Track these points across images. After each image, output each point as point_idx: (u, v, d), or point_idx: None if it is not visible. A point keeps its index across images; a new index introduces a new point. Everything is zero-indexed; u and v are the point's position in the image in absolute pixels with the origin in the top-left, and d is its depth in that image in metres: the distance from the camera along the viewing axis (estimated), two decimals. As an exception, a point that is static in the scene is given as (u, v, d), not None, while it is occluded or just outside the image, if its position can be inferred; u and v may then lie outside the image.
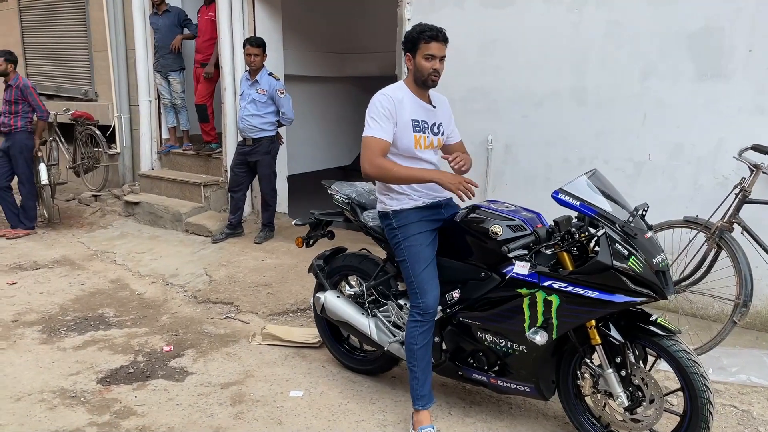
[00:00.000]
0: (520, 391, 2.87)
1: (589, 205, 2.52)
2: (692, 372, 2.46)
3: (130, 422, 3.04)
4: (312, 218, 3.53)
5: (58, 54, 8.90)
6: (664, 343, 2.51)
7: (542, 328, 2.65)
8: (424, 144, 2.90)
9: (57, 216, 7.00)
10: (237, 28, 6.28)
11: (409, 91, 2.89)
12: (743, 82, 3.66)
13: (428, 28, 2.80)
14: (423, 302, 2.80)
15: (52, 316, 4.37)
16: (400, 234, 2.90)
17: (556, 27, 4.29)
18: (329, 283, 3.50)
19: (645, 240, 2.49)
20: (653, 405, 2.60)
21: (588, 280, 2.49)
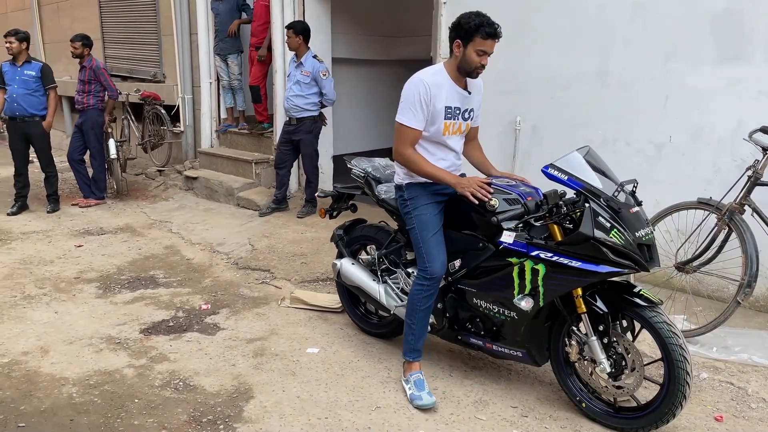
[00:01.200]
0: (512, 356, 3.04)
1: (576, 180, 2.66)
2: (671, 342, 2.57)
3: (162, 366, 3.43)
4: (334, 191, 3.81)
5: (132, 38, 9.51)
6: (645, 314, 2.63)
7: (529, 296, 2.82)
8: (452, 130, 3.02)
9: (125, 188, 7.59)
10: (288, 13, 6.60)
11: (448, 77, 2.94)
12: (763, 64, 3.64)
13: (488, 23, 2.77)
14: (429, 266, 2.98)
15: (109, 275, 4.86)
16: (411, 204, 3.09)
17: (583, 9, 4.35)
18: (347, 252, 3.78)
19: (629, 214, 2.61)
20: (634, 373, 2.73)
21: (573, 251, 2.63)
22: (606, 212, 2.55)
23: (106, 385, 3.22)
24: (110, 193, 7.52)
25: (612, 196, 2.60)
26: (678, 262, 3.72)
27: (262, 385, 3.23)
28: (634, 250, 2.53)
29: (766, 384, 3.20)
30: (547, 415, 2.98)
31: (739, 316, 3.84)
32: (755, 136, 3.46)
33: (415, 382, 3.08)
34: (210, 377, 3.31)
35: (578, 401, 2.93)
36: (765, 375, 3.27)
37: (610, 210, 2.56)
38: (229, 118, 7.85)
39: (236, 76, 7.48)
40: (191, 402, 3.07)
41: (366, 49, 7.30)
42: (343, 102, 7.68)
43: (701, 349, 3.47)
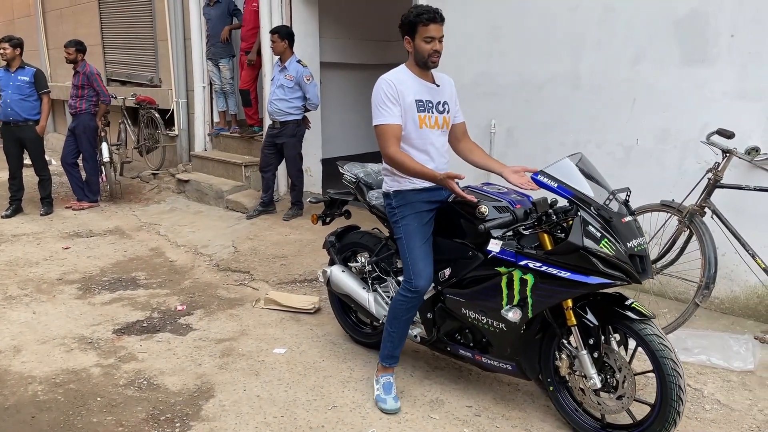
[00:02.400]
0: (502, 368, 2.93)
1: (566, 187, 2.54)
2: (662, 356, 2.46)
3: (129, 366, 3.50)
4: (327, 197, 3.79)
5: (130, 43, 9.66)
6: (636, 327, 2.51)
7: (518, 307, 2.70)
8: (429, 123, 2.96)
9: (119, 191, 7.72)
10: (275, 18, 6.68)
11: (411, 73, 2.95)
12: (727, 67, 3.65)
13: (425, 10, 2.83)
14: (414, 281, 2.90)
15: (91, 277, 4.95)
16: (399, 213, 3.01)
17: (556, 13, 4.39)
18: (339, 259, 3.71)
19: (621, 223, 2.48)
20: (625, 388, 2.61)
21: (562, 261, 2.51)
22: (597, 221, 2.45)
23: (72, 384, 3.29)
24: (104, 196, 7.64)
25: (603, 204, 2.50)
26: (641, 264, 3.73)
27: (224, 385, 3.29)
28: (625, 260, 2.42)
29: (723, 386, 3.21)
30: (499, 415, 3.01)
31: (703, 318, 3.87)
32: (713, 138, 3.47)
33: (384, 384, 3.09)
34: (174, 376, 3.38)
35: (566, 414, 2.84)
36: (722, 377, 3.28)
37: (601, 219, 2.46)
38: (222, 121, 7.96)
39: (228, 80, 7.58)
40: (152, 400, 3.14)
41: (355, 54, 7.37)
42: (333, 106, 7.75)
43: (662, 351, 3.48)
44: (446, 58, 5.07)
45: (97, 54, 10.53)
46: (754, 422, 2.94)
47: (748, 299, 3.75)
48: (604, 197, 2.53)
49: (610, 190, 2.57)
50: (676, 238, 3.58)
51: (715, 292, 3.83)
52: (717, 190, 3.48)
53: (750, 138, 3.59)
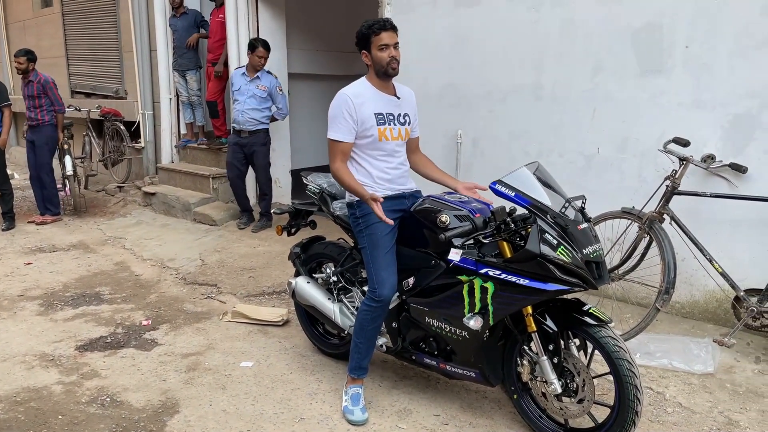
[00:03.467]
0: (466, 376, 2.94)
1: (523, 196, 2.58)
2: (618, 358, 2.50)
3: (91, 382, 3.43)
4: (291, 207, 3.79)
5: (94, 54, 9.54)
6: (593, 332, 2.55)
7: (479, 314, 2.72)
8: (390, 135, 2.99)
9: (83, 205, 7.58)
10: (242, 29, 6.67)
11: (372, 86, 2.97)
12: (682, 77, 3.76)
13: (374, 21, 2.89)
14: (378, 290, 2.92)
15: (54, 292, 4.85)
16: (362, 223, 3.01)
17: (518, 25, 4.46)
18: (304, 270, 3.70)
19: (577, 231, 2.52)
20: (585, 392, 2.65)
21: (521, 269, 2.55)
22: (553, 229, 2.50)
23: (33, 402, 3.22)
24: (68, 210, 7.50)
25: (559, 212, 2.54)
26: (604, 271, 3.80)
27: (189, 400, 3.25)
28: (581, 267, 2.46)
29: (684, 389, 3.28)
30: (467, 423, 3.03)
31: (665, 322, 3.95)
32: (669, 146, 3.57)
33: (352, 395, 3.08)
34: (138, 393, 3.32)
35: (530, 421, 2.87)
36: (683, 380, 3.35)
37: (557, 227, 2.51)
38: (189, 133, 7.88)
39: (195, 92, 7.52)
40: (115, 418, 3.08)
41: (322, 64, 7.39)
42: (301, 116, 7.75)
43: (626, 356, 3.55)
44: (413, 69, 5.17)
45: (61, 66, 10.38)
46: (715, 424, 3.00)
47: (707, 303, 3.84)
48: (560, 205, 2.58)
49: (566, 198, 2.62)
50: (636, 245, 3.66)
51: (676, 296, 3.92)
52: (675, 197, 3.57)
53: (706, 146, 3.69)
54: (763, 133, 3.53)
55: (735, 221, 3.65)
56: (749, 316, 3.34)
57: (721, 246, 3.63)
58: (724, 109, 3.63)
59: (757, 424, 3.00)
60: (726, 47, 3.59)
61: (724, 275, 3.41)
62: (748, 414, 3.07)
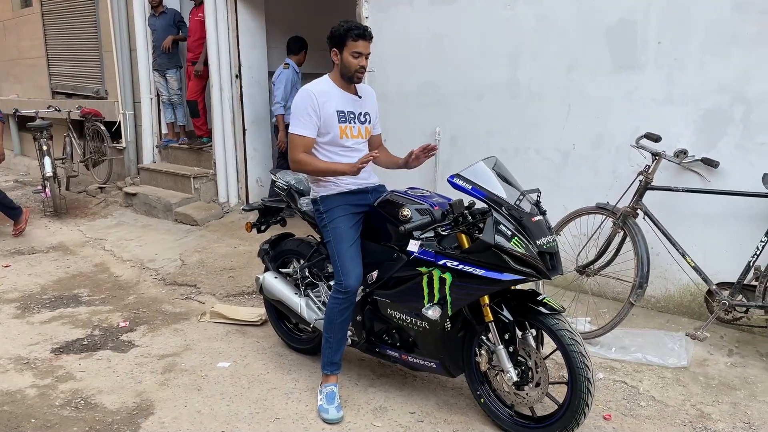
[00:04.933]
0: (427, 367, 3.02)
1: (480, 189, 2.65)
2: (572, 350, 2.56)
3: (66, 385, 3.41)
4: (261, 204, 3.82)
5: (75, 55, 9.46)
6: (548, 322, 2.63)
7: (438, 305, 2.79)
8: (351, 134, 3.08)
9: (64, 207, 7.51)
10: (221, 28, 6.64)
11: (334, 85, 3.04)
12: (655, 72, 3.78)
13: (355, 26, 2.92)
14: (344, 281, 2.96)
15: (31, 295, 4.81)
16: (327, 217, 3.10)
17: (493, 22, 4.47)
18: (273, 266, 3.74)
19: (531, 222, 2.60)
20: (539, 379, 2.72)
21: (477, 259, 2.62)
22: (508, 221, 2.56)
23: (6, 406, 3.19)
24: (49, 212, 7.44)
25: (514, 205, 2.61)
26: (578, 266, 3.82)
27: (164, 401, 3.23)
28: (534, 257, 2.54)
29: (658, 382, 3.30)
30: (442, 419, 3.03)
31: (641, 316, 3.98)
32: (642, 142, 3.59)
33: (327, 394, 3.09)
34: (113, 395, 3.30)
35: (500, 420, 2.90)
36: (658, 374, 3.38)
37: (512, 219, 2.57)
38: (170, 133, 7.84)
39: (175, 92, 7.48)
40: (88, 420, 3.06)
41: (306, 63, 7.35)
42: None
43: (600, 350, 3.57)
44: (391, 67, 5.16)
45: (41, 66, 10.29)
46: (687, 417, 3.03)
47: (682, 297, 3.87)
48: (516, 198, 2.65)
49: (521, 191, 2.69)
50: (611, 240, 3.68)
51: (651, 291, 3.95)
52: (648, 192, 3.59)
53: (678, 141, 3.72)
54: (734, 128, 3.55)
55: (707, 216, 3.68)
56: (721, 310, 3.36)
57: (694, 240, 3.66)
58: (695, 104, 3.66)
59: (728, 416, 3.03)
60: (697, 43, 3.62)
61: (697, 269, 3.44)
62: (719, 407, 3.10)
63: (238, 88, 6.69)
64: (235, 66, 6.66)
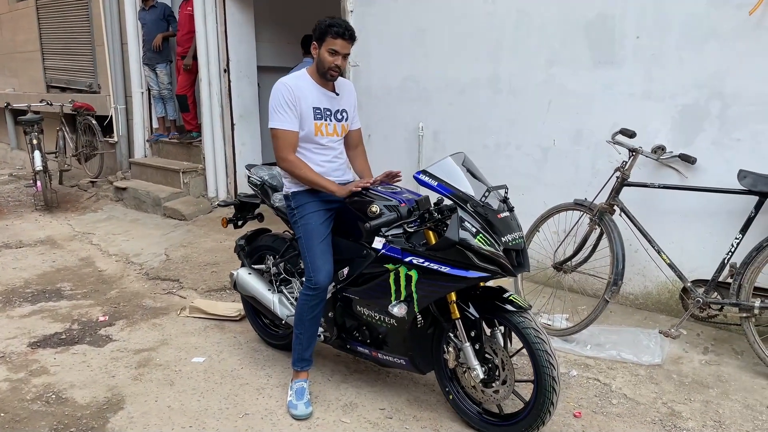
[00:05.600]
0: (396, 363, 3.01)
1: (445, 185, 2.64)
2: (537, 348, 2.54)
3: (39, 380, 3.41)
4: (236, 200, 3.81)
5: (68, 49, 9.45)
6: (514, 319, 2.60)
7: (404, 302, 2.77)
8: (326, 131, 3.03)
9: (55, 200, 7.53)
10: (210, 22, 6.62)
11: (311, 80, 3.00)
12: (633, 68, 3.74)
13: (337, 24, 2.85)
14: (314, 278, 2.94)
15: (14, 289, 4.82)
16: (297, 213, 3.08)
17: (475, 16, 4.44)
18: (248, 262, 3.74)
19: (497, 219, 2.57)
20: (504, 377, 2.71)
21: (442, 256, 2.60)
22: (473, 218, 2.55)
23: (-24, 400, 3.20)
24: (39, 206, 7.45)
25: (480, 201, 2.58)
26: (556, 263, 3.80)
27: (135, 396, 3.23)
28: (499, 254, 2.51)
29: (631, 380, 3.29)
30: (411, 416, 3.02)
31: (618, 313, 3.96)
32: (618, 137, 3.56)
33: (296, 390, 3.08)
34: (84, 389, 3.30)
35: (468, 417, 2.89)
36: (631, 371, 3.36)
37: (477, 215, 2.56)
38: (161, 127, 7.84)
39: (166, 86, 7.47)
40: (57, 415, 3.06)
41: (292, 57, 7.31)
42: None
43: (576, 347, 3.56)
44: (375, 61, 5.14)
45: (36, 60, 10.29)
46: (657, 415, 3.01)
47: (660, 294, 3.85)
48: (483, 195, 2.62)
49: (488, 187, 2.65)
50: (587, 236, 3.65)
51: (629, 287, 3.94)
52: (625, 189, 3.56)
53: (656, 137, 3.69)
54: (710, 124, 3.52)
55: (684, 212, 3.66)
56: (696, 307, 3.34)
57: (671, 237, 3.63)
58: (673, 100, 3.63)
59: (699, 414, 3.01)
60: (674, 38, 3.58)
61: (672, 266, 3.41)
62: (691, 405, 3.08)
63: (227, 82, 6.68)
64: (224, 60, 6.65)
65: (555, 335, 3.67)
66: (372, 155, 5.30)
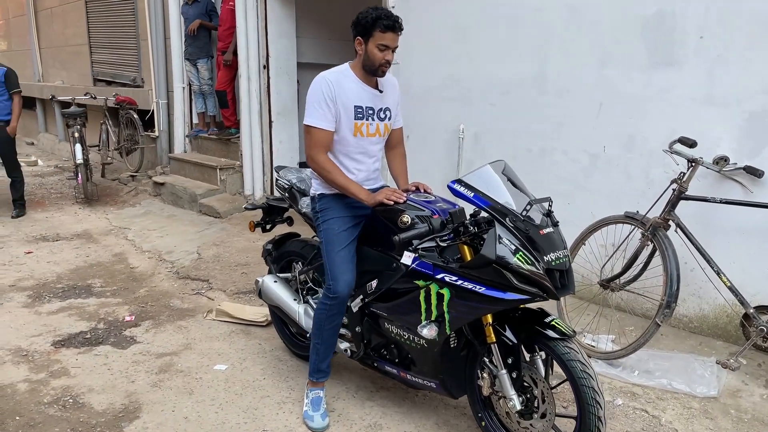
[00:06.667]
0: (426, 386, 2.79)
1: (483, 197, 2.39)
2: (583, 384, 2.29)
3: (59, 381, 3.33)
4: (265, 203, 3.66)
5: (115, 42, 9.54)
6: (558, 349, 2.35)
7: (435, 322, 2.54)
8: (367, 131, 2.82)
9: (95, 194, 7.58)
10: (251, 17, 6.51)
11: (355, 76, 2.77)
12: (694, 70, 3.42)
13: (385, 16, 2.63)
14: (332, 286, 2.79)
15: (46, 283, 4.79)
16: (321, 216, 2.91)
17: (522, 12, 4.17)
18: (275, 268, 3.58)
19: (540, 236, 2.31)
20: (546, 406, 2.46)
21: (477, 275, 2.36)
22: (512, 234, 2.28)
23: (-6, 401, 3.13)
24: (80, 199, 7.51)
25: (522, 215, 2.32)
26: (602, 280, 3.52)
27: (153, 404, 3.11)
28: (541, 275, 2.25)
29: (683, 413, 2.99)
30: (438, 442, 2.82)
31: (671, 337, 3.65)
32: (675, 146, 3.25)
33: (312, 399, 2.93)
34: (103, 394, 3.20)
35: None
36: (683, 403, 3.06)
37: (518, 231, 2.29)
38: (201, 123, 7.80)
39: (206, 81, 7.42)
40: (72, 421, 2.96)
41: (333, 54, 7.17)
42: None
43: (622, 373, 3.27)
44: (416, 59, 4.92)
45: (84, 54, 10.43)
46: (712, 454, 2.73)
47: (717, 318, 3.53)
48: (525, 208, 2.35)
49: (531, 200, 2.38)
50: (639, 253, 3.36)
51: (684, 310, 3.63)
52: (682, 203, 3.26)
53: (719, 146, 3.37)
54: (782, 133, 3.19)
55: (748, 230, 3.33)
56: (758, 336, 3.02)
57: (732, 257, 3.32)
58: (739, 106, 3.30)
59: (759, 456, 2.71)
60: (742, 38, 3.25)
61: (733, 290, 3.10)
62: (750, 445, 2.78)
63: (266, 78, 6.56)
64: (263, 56, 6.53)
65: (600, 358, 3.39)
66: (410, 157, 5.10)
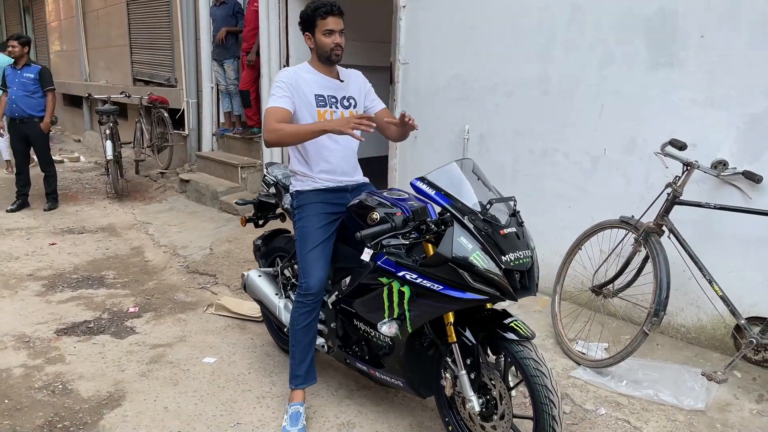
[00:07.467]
0: (393, 384, 2.77)
1: (444, 195, 2.37)
2: (536, 382, 2.25)
3: (53, 368, 3.45)
4: (255, 199, 3.71)
5: (152, 43, 9.81)
6: (513, 348, 2.30)
7: (396, 320, 2.54)
8: (331, 118, 2.82)
9: (126, 189, 7.82)
10: (272, 18, 6.60)
11: (314, 69, 2.88)
12: (695, 71, 3.29)
13: (322, 4, 2.77)
14: (305, 283, 2.80)
15: (62, 274, 4.97)
16: (298, 213, 2.93)
17: (527, 11, 4.09)
18: (263, 263, 3.65)
19: (500, 236, 2.28)
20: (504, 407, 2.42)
21: (435, 273, 2.33)
22: (470, 233, 2.26)
23: (-12, 384, 3.27)
24: (111, 195, 7.76)
25: (482, 214, 2.31)
26: (594, 285, 3.42)
27: (137, 393, 3.19)
28: (498, 275, 2.21)
29: (666, 425, 2.87)
30: (408, 444, 2.79)
31: (667, 347, 3.52)
32: (666, 149, 3.13)
33: (291, 414, 2.87)
34: (92, 382, 3.30)
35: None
36: (668, 415, 2.94)
37: (477, 230, 2.26)
38: (227, 122, 7.95)
39: (232, 81, 7.55)
40: (57, 406, 3.06)
41: (356, 55, 7.18)
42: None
43: (609, 382, 3.17)
44: (424, 59, 4.89)
45: (125, 54, 10.77)
46: (691, 470, 2.62)
47: (714, 329, 3.38)
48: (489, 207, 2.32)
49: (489, 199, 2.34)
50: (631, 258, 3.25)
51: (681, 319, 3.50)
52: (677, 207, 3.13)
53: (718, 150, 3.23)
54: (783, 137, 3.03)
55: (746, 238, 3.18)
56: (748, 348, 2.88)
57: (729, 266, 3.18)
58: (740, 108, 3.15)
59: (742, 475, 2.58)
60: (744, 38, 3.10)
61: (725, 299, 2.96)
62: (734, 462, 2.66)
63: (286, 78, 6.62)
64: (284, 57, 6.60)
65: (589, 366, 3.30)
66: (417, 157, 5.10)
